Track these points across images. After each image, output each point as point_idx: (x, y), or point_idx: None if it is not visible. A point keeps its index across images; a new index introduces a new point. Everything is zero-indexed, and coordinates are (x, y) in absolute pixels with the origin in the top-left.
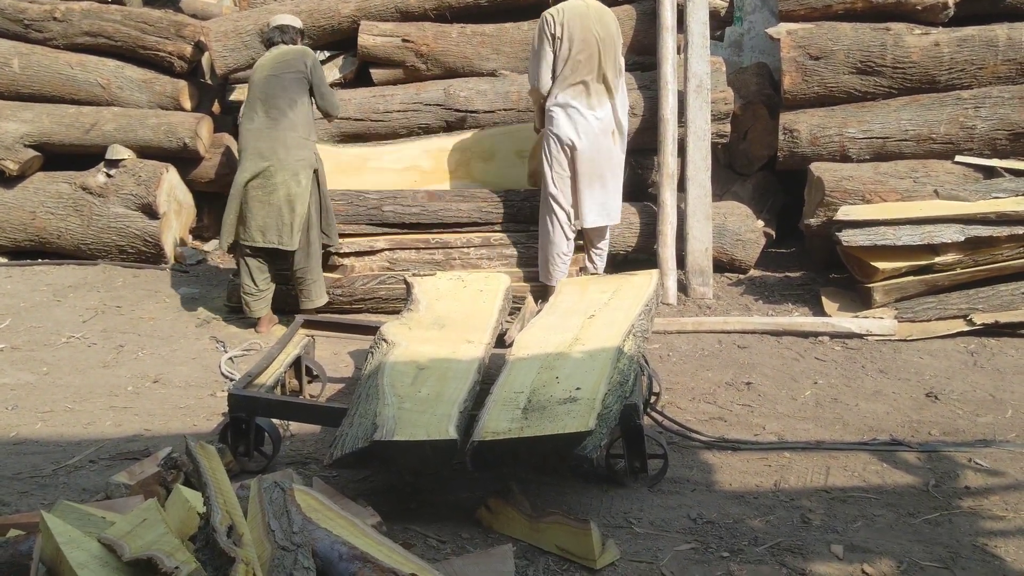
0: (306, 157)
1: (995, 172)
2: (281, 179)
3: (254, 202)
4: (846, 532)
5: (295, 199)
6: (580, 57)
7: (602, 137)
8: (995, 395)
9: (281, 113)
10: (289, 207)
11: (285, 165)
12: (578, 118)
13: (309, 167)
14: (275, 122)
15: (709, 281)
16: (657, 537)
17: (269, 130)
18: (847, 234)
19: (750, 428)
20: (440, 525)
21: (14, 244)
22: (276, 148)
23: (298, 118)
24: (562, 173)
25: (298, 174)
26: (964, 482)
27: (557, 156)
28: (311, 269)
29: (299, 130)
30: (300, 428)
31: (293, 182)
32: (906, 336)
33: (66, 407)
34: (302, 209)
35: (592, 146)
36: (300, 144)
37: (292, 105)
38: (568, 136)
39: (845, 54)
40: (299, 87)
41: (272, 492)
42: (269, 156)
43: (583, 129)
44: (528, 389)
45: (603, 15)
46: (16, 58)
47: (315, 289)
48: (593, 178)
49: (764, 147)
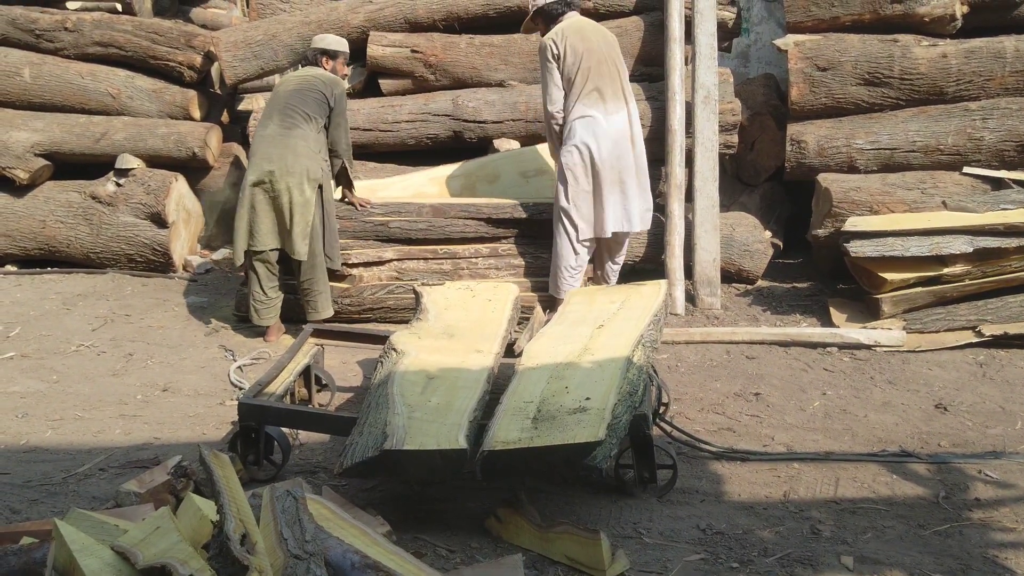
0: (313, 169)
1: (1003, 183)
2: (284, 185)
3: (260, 206)
4: (856, 543)
5: (296, 207)
6: (590, 63)
7: (621, 142)
8: (1004, 407)
9: (295, 124)
10: (291, 214)
11: (292, 172)
12: (595, 126)
13: (315, 179)
14: (288, 130)
15: (717, 291)
16: (666, 547)
17: (281, 137)
18: (855, 245)
19: (759, 439)
20: (449, 534)
21: (24, 253)
22: (285, 154)
23: (311, 132)
24: (577, 186)
25: (303, 183)
26: (974, 494)
27: (575, 168)
28: (317, 280)
29: (310, 143)
30: (309, 437)
31: (297, 191)
32: (915, 347)
33: (76, 415)
34: (305, 218)
35: (611, 152)
36: (309, 155)
37: (308, 120)
38: (586, 142)
39: (853, 65)
40: (319, 109)
41: (284, 500)
42: (276, 161)
43: (601, 134)
44: (538, 399)
45: (599, 28)
46: (27, 68)
47: (321, 301)
48: (613, 184)
49: (771, 158)
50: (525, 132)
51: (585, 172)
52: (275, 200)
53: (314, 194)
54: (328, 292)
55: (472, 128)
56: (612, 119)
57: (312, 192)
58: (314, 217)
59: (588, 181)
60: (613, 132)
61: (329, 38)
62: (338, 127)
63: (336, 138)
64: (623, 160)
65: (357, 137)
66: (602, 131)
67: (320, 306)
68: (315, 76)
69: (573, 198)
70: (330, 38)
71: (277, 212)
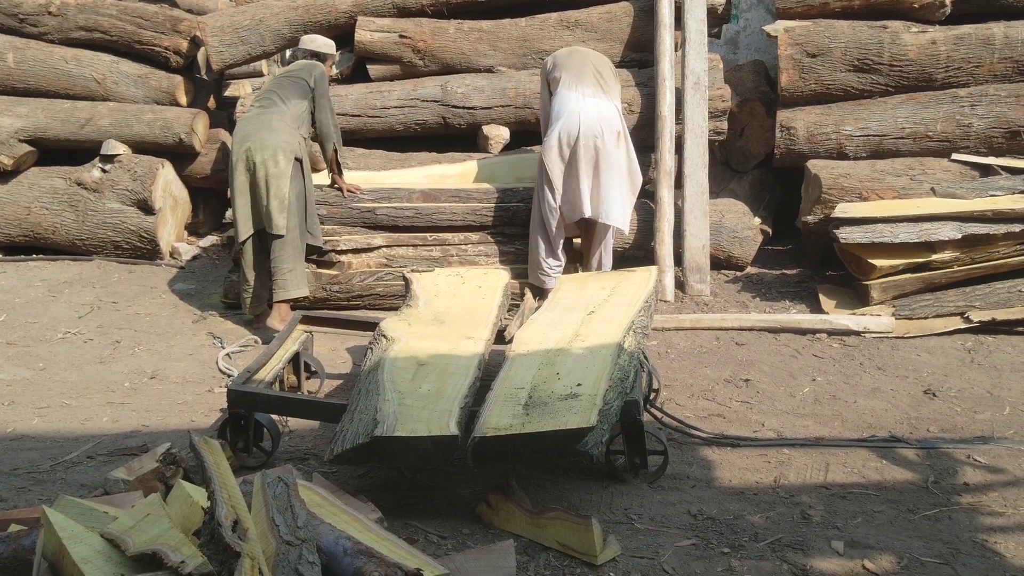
0: (289, 142)
1: (991, 170)
2: (260, 159)
3: (240, 188)
4: (846, 528)
5: (271, 179)
6: (574, 65)
7: (603, 126)
8: (993, 392)
9: (272, 103)
10: (267, 187)
11: (266, 145)
12: (579, 105)
13: (291, 151)
14: (264, 109)
15: (707, 278)
16: (658, 533)
17: (257, 116)
18: (844, 231)
19: (749, 425)
20: (441, 521)
21: (8, 240)
22: (260, 130)
23: (289, 109)
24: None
25: (277, 155)
26: (963, 479)
27: (556, 156)
28: (286, 258)
29: (287, 119)
30: (298, 424)
31: (271, 162)
32: (903, 333)
33: (63, 403)
34: (280, 191)
35: (589, 132)
36: (285, 130)
37: (286, 99)
38: (570, 123)
39: (842, 52)
40: (299, 90)
41: (276, 487)
42: (251, 137)
43: (584, 114)
44: (529, 385)
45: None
46: (11, 52)
47: (290, 279)
48: (588, 165)
49: (761, 144)
50: (514, 118)
51: (563, 159)
52: (253, 176)
53: (289, 166)
54: (301, 271)
55: (461, 114)
56: (596, 101)
57: (287, 164)
58: (289, 191)
59: (563, 160)
60: (595, 115)
61: (319, 40)
62: (322, 109)
63: (322, 120)
64: (604, 148)
65: (345, 123)
66: (584, 112)
67: (289, 284)
68: (296, 65)
69: (550, 170)
70: (320, 40)
71: (253, 188)
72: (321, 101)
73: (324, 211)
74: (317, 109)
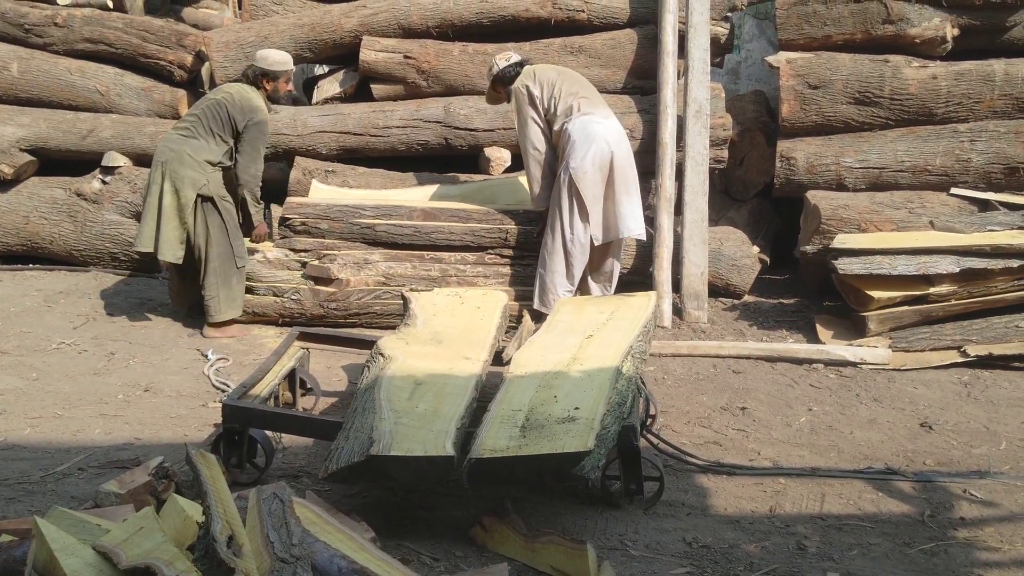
0: (196, 180)
1: (990, 205)
2: (170, 187)
3: (151, 202)
4: (842, 560)
5: (168, 210)
6: (566, 82)
7: (626, 146)
8: (989, 427)
9: (192, 135)
10: (159, 213)
11: (177, 175)
12: (602, 130)
13: (193, 188)
14: (184, 139)
15: (704, 305)
16: (652, 560)
17: (177, 142)
18: (843, 262)
19: (745, 453)
20: (434, 542)
21: (6, 248)
22: (172, 161)
23: (204, 147)
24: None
25: (185, 188)
26: (959, 513)
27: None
28: (209, 286)
29: (199, 158)
30: (292, 441)
31: (181, 192)
32: (900, 365)
33: (55, 413)
34: (175, 223)
35: (621, 155)
36: (194, 166)
37: (206, 136)
38: (600, 149)
39: (843, 84)
40: (224, 131)
41: (271, 503)
42: (169, 162)
43: (609, 138)
44: (526, 407)
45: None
46: (15, 62)
47: (212, 305)
48: (624, 188)
49: (760, 174)
50: (516, 141)
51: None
52: (149, 197)
53: (190, 203)
54: (226, 295)
55: (463, 136)
56: (608, 124)
57: (188, 200)
58: (200, 225)
59: (600, 185)
60: (615, 136)
61: (271, 56)
62: (244, 154)
63: (242, 166)
64: (630, 161)
65: (348, 142)
66: (607, 132)
67: (211, 310)
68: (236, 96)
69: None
70: (272, 56)
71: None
72: (246, 148)
73: (325, 225)
74: (240, 153)
